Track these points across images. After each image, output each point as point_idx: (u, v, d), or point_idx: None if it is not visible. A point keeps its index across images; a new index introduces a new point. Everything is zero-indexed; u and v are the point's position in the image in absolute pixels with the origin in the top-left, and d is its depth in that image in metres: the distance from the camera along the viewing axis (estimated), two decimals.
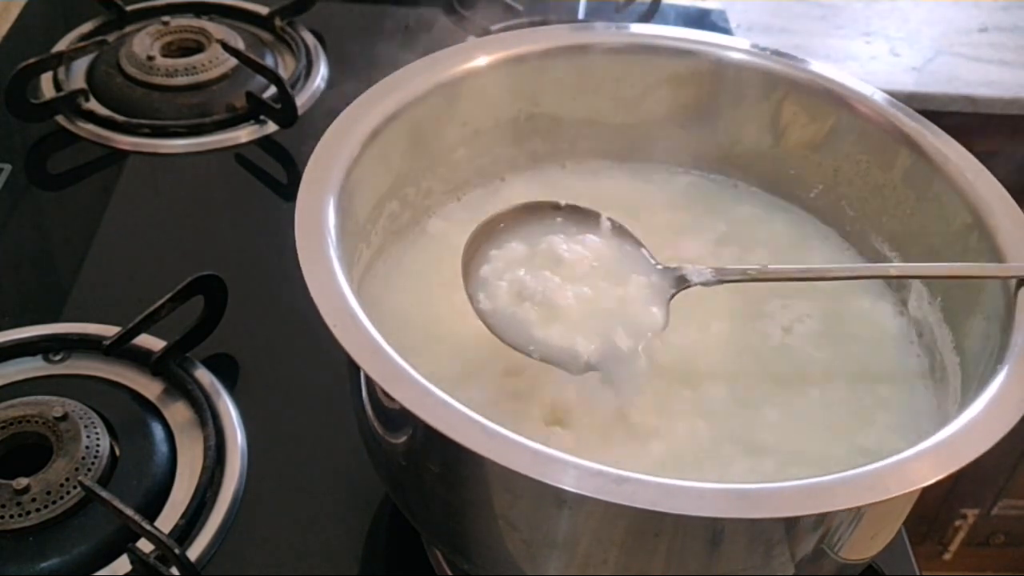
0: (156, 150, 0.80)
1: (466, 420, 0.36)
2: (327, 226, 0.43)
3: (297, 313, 0.42)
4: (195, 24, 0.90)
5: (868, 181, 0.54)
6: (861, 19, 1.15)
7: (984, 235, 0.47)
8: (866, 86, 0.54)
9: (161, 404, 0.60)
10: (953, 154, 0.50)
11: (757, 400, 0.48)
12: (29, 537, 0.52)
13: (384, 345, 0.39)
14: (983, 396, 0.39)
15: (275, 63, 0.89)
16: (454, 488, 0.41)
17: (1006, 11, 1.18)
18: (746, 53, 0.56)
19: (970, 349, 0.47)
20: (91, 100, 0.83)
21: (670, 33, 0.57)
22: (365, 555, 0.55)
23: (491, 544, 0.42)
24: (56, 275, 0.71)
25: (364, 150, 0.49)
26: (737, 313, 0.52)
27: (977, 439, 0.37)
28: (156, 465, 0.56)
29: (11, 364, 0.62)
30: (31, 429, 0.55)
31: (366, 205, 0.51)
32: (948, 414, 0.45)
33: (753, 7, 1.13)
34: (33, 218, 0.75)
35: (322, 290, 0.40)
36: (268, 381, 0.63)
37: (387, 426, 0.44)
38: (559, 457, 0.35)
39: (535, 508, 0.39)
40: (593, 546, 0.39)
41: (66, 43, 0.89)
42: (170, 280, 0.61)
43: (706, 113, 0.58)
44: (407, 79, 0.52)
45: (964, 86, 1.04)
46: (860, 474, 0.35)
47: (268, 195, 0.79)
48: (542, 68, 0.56)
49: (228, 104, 0.83)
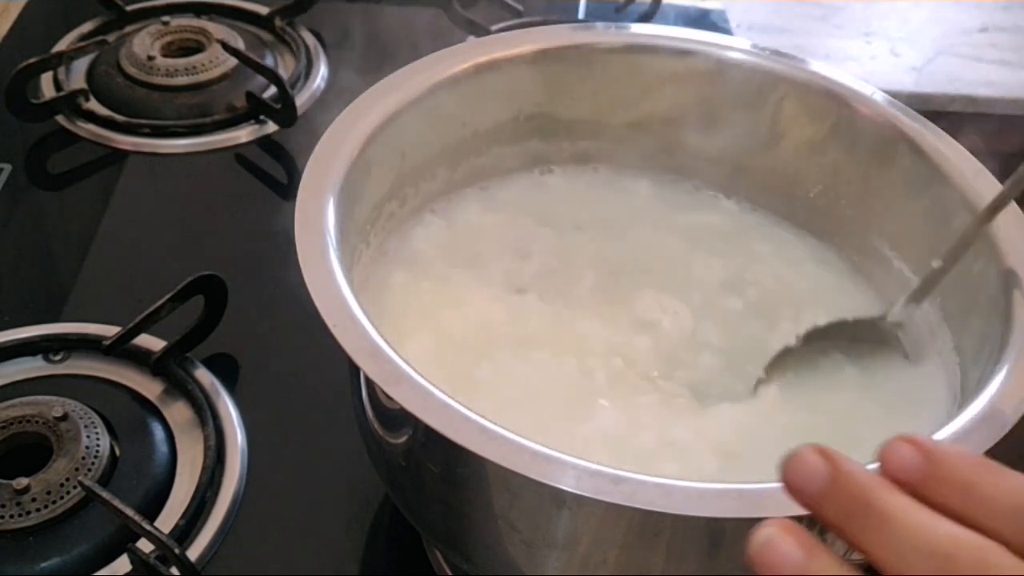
0: (156, 150, 0.80)
1: (466, 421, 0.36)
2: (327, 226, 0.43)
3: (297, 313, 0.42)
4: (195, 24, 0.90)
5: (868, 181, 0.54)
6: (861, 19, 1.15)
7: (984, 235, 0.47)
8: (866, 86, 0.54)
9: (161, 404, 0.60)
10: (953, 154, 0.50)
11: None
12: (29, 537, 0.52)
13: (384, 346, 0.39)
14: (982, 396, 0.39)
15: (275, 63, 0.89)
16: (454, 488, 0.41)
17: (1006, 11, 1.18)
18: (746, 53, 0.56)
19: (969, 349, 0.47)
20: (91, 100, 0.83)
21: (670, 33, 0.57)
22: (365, 555, 0.55)
23: (491, 544, 0.42)
24: (56, 275, 0.71)
25: (364, 150, 0.48)
26: None
27: (977, 439, 0.37)
28: (156, 465, 0.56)
29: (11, 364, 0.62)
30: (31, 429, 0.55)
31: (366, 205, 0.51)
32: (948, 414, 0.45)
33: (753, 7, 1.13)
34: (33, 218, 0.75)
35: (322, 290, 0.40)
36: (268, 381, 0.63)
37: (387, 427, 0.44)
38: (558, 457, 0.35)
39: (535, 508, 0.39)
40: (593, 546, 0.39)
41: (66, 43, 0.89)
42: (170, 280, 0.61)
43: (706, 113, 0.58)
44: (407, 79, 0.52)
45: (964, 86, 1.04)
46: None
47: (268, 195, 0.79)
48: (542, 68, 0.56)
49: (228, 104, 0.83)
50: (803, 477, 0.28)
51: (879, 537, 0.27)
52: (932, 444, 0.28)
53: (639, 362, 0.50)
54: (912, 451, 0.28)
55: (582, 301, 0.52)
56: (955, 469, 0.27)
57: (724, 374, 0.50)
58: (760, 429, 0.47)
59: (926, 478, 0.27)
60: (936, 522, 0.26)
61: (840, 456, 0.28)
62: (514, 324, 0.51)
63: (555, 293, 0.53)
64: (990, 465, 0.28)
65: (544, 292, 0.53)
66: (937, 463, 0.27)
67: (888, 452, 0.28)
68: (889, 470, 0.28)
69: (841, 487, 0.28)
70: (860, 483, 0.27)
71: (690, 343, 0.51)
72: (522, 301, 0.52)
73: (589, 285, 0.53)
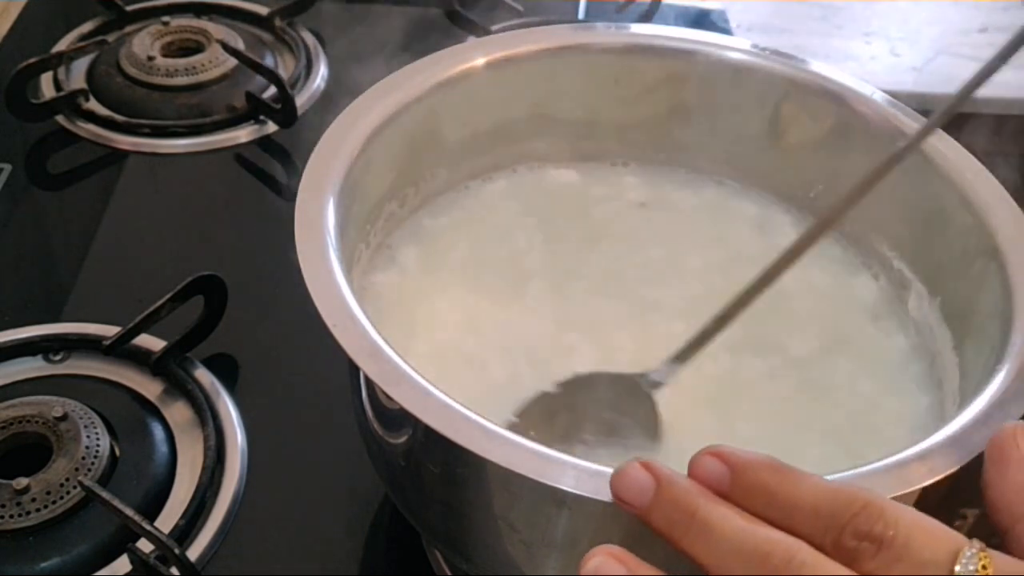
0: (156, 150, 0.80)
1: (466, 421, 0.36)
2: (327, 226, 0.43)
3: (297, 313, 0.42)
4: (195, 24, 0.90)
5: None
6: (861, 19, 1.15)
7: (984, 236, 0.47)
8: (866, 86, 0.54)
9: (161, 404, 0.60)
10: (953, 154, 0.50)
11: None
12: (29, 537, 0.52)
13: (384, 346, 0.39)
14: (983, 396, 0.39)
15: (275, 63, 0.89)
16: (454, 488, 0.41)
17: (1006, 11, 1.18)
18: (746, 53, 0.56)
19: (969, 349, 0.47)
20: (91, 100, 0.83)
21: (670, 33, 0.57)
22: (365, 555, 0.55)
23: (491, 544, 0.42)
24: (56, 275, 0.71)
25: (364, 150, 0.48)
26: None
27: (977, 439, 0.37)
28: (156, 465, 0.56)
29: (11, 364, 0.62)
30: (31, 429, 0.55)
31: (366, 205, 0.51)
32: (947, 414, 0.45)
33: (753, 7, 1.13)
34: (33, 218, 0.75)
35: (322, 290, 0.40)
36: (268, 381, 0.63)
37: (387, 427, 0.44)
38: (558, 458, 0.35)
39: (534, 508, 0.39)
40: (593, 546, 0.39)
41: (66, 43, 0.89)
42: (170, 280, 0.61)
43: (706, 113, 0.58)
44: (407, 79, 0.52)
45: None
46: (860, 475, 0.35)
47: (268, 195, 0.79)
48: (542, 68, 0.56)
49: (228, 104, 0.83)
50: (629, 491, 0.32)
51: (702, 542, 0.30)
52: (734, 455, 0.31)
53: (641, 361, 0.49)
54: (716, 463, 0.31)
55: (582, 300, 0.52)
56: (757, 478, 0.30)
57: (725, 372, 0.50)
58: (773, 421, 0.47)
59: (733, 487, 0.31)
60: (751, 526, 0.30)
61: (662, 469, 0.31)
62: (514, 324, 0.51)
63: (555, 293, 0.53)
64: (787, 472, 0.31)
65: (544, 292, 0.53)
66: (739, 472, 0.31)
67: (695, 464, 0.32)
68: (695, 479, 0.31)
69: (665, 498, 0.31)
70: (682, 494, 0.31)
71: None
72: (523, 301, 0.52)
73: (590, 285, 0.53)
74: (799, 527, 0.30)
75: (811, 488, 0.30)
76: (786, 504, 0.30)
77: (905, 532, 0.29)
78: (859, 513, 0.29)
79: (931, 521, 0.30)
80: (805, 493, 0.30)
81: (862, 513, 0.29)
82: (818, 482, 0.31)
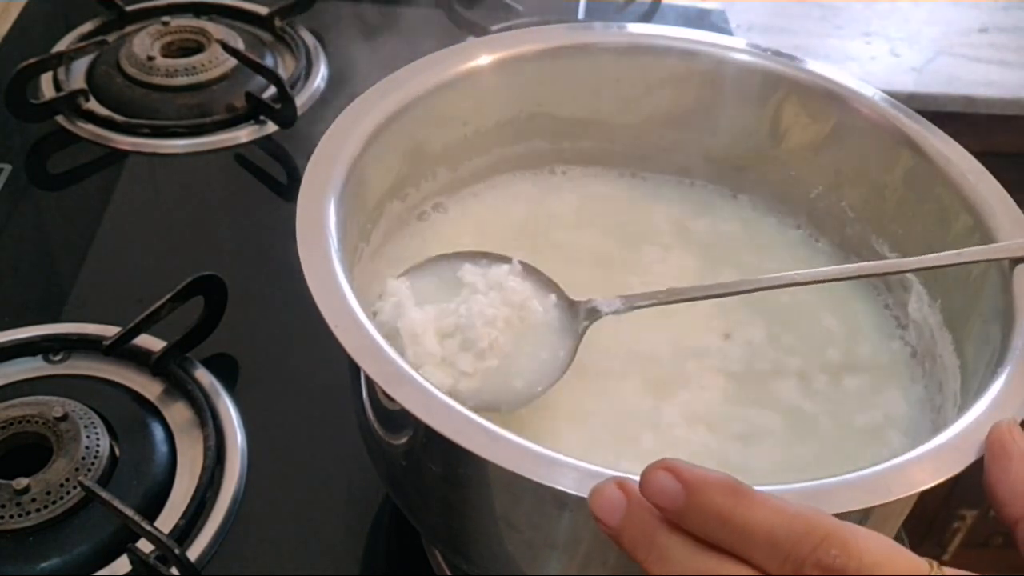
0: (156, 150, 0.80)
1: (467, 422, 0.36)
2: (327, 226, 0.43)
3: (297, 313, 0.42)
4: (195, 24, 0.90)
5: (869, 182, 0.54)
6: (861, 19, 1.15)
7: (985, 236, 0.47)
8: (866, 86, 0.54)
9: (161, 404, 0.60)
10: (954, 155, 0.50)
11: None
12: (29, 537, 0.52)
13: (385, 345, 0.39)
14: (983, 399, 0.39)
15: (275, 63, 0.89)
16: (454, 489, 0.41)
17: (1006, 11, 1.18)
18: (746, 53, 0.56)
19: (970, 352, 0.47)
20: (91, 100, 0.83)
21: (670, 33, 0.57)
22: (365, 555, 0.55)
23: (491, 545, 0.42)
24: (56, 275, 0.71)
25: (364, 150, 0.48)
26: None
27: (979, 442, 0.36)
28: (156, 465, 0.56)
29: (11, 364, 0.62)
30: (31, 429, 0.55)
31: (366, 205, 0.51)
32: (948, 417, 0.45)
33: (753, 7, 1.13)
34: (33, 218, 0.75)
35: (322, 290, 0.40)
36: (268, 381, 0.63)
37: (387, 427, 0.44)
38: (560, 459, 0.35)
39: (536, 509, 0.39)
40: (594, 547, 0.39)
41: (66, 43, 0.89)
42: (170, 280, 0.61)
43: (706, 113, 0.58)
44: (407, 79, 0.52)
45: (964, 86, 1.04)
46: (861, 477, 0.35)
47: (268, 195, 0.79)
48: (542, 68, 0.56)
49: (228, 104, 0.83)
50: (602, 509, 0.32)
51: (658, 567, 0.31)
52: (687, 472, 0.31)
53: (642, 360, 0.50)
54: (670, 479, 0.31)
55: (564, 270, 0.52)
56: (711, 501, 0.30)
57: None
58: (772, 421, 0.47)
59: (687, 508, 0.30)
60: (702, 556, 0.30)
61: (634, 489, 0.32)
62: None
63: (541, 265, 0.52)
64: (742, 494, 0.30)
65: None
66: (693, 492, 0.30)
67: (647, 479, 0.31)
68: (648, 493, 0.31)
69: (634, 521, 0.31)
70: (647, 516, 0.31)
71: (688, 347, 0.51)
72: None
73: (590, 284, 0.53)
74: (754, 555, 0.30)
75: (767, 513, 0.30)
76: (740, 530, 0.30)
77: (870, 563, 0.29)
78: (819, 545, 0.29)
79: (894, 548, 0.29)
80: (760, 519, 0.30)
81: (822, 544, 0.29)
82: (774, 506, 0.30)
